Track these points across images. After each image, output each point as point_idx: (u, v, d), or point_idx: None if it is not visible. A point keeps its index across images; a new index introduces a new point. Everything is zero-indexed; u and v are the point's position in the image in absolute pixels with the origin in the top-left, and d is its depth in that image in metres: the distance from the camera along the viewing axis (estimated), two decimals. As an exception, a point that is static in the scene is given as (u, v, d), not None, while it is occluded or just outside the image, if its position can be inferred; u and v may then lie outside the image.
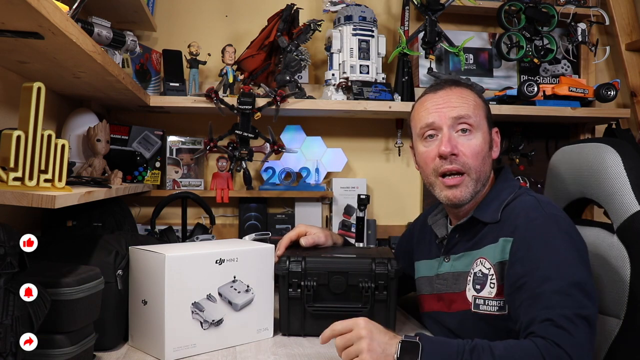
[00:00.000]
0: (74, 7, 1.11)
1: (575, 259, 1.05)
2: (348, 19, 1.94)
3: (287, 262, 1.21)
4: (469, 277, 1.18)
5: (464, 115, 1.19)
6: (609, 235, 1.25)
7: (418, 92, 2.04)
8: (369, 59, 1.94)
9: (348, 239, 1.96)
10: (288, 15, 1.88)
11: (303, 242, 1.34)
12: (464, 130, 1.19)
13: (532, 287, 1.02)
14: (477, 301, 1.14)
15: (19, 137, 0.89)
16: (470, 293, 1.16)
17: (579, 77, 2.22)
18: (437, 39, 1.97)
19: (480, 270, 1.15)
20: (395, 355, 0.95)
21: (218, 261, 1.13)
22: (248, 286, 1.18)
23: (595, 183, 1.28)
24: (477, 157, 1.18)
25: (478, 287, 1.15)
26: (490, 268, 1.13)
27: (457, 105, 1.20)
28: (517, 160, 2.19)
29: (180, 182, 1.97)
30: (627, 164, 1.23)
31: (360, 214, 1.92)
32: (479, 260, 1.17)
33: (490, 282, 1.13)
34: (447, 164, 1.18)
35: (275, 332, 1.24)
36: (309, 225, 1.40)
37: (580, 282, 1.01)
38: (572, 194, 1.37)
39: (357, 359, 0.96)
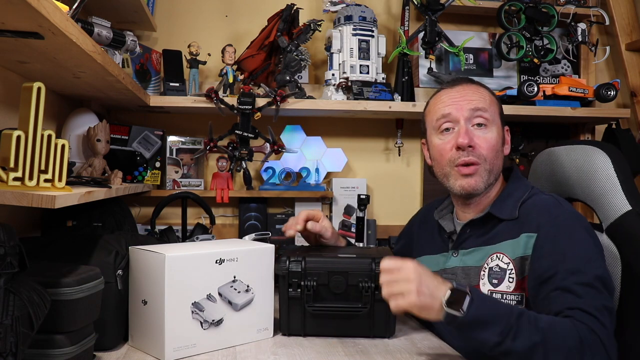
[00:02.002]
0: (74, 7, 1.11)
1: (597, 255, 1.10)
2: (348, 19, 1.94)
3: (287, 262, 1.21)
4: (482, 272, 1.19)
5: (480, 108, 1.22)
6: (597, 234, 1.28)
7: (418, 92, 2.05)
8: (369, 59, 1.94)
9: (348, 239, 1.97)
10: (288, 15, 1.88)
11: (310, 225, 1.34)
12: (479, 125, 1.22)
13: (560, 279, 1.05)
14: (494, 296, 1.16)
15: (19, 137, 0.89)
16: (485, 287, 1.18)
17: (579, 77, 2.22)
18: (437, 39, 1.97)
19: (497, 265, 1.17)
20: (444, 299, 0.96)
21: (218, 261, 1.13)
22: (248, 286, 1.18)
23: (585, 184, 1.33)
24: (492, 150, 1.22)
25: (495, 281, 1.17)
26: (509, 263, 1.15)
27: (473, 99, 1.23)
28: (517, 160, 2.19)
29: (180, 182, 1.97)
30: (617, 166, 1.29)
31: (360, 214, 1.92)
32: (494, 255, 1.18)
33: (509, 277, 1.15)
34: (464, 155, 1.20)
35: (275, 332, 1.24)
36: (325, 216, 1.39)
37: (603, 277, 1.06)
38: (556, 195, 1.40)
39: (404, 299, 0.98)
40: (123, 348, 1.14)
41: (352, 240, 1.95)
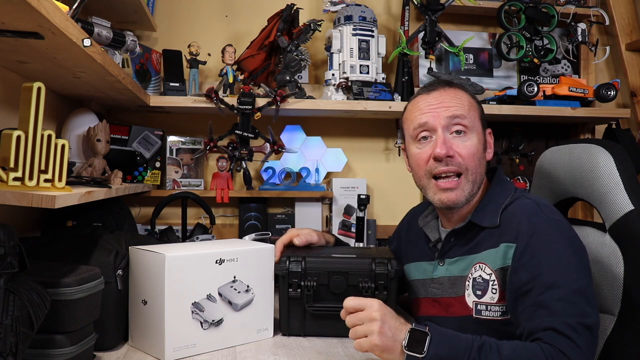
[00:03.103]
0: (74, 7, 1.11)
1: (577, 265, 1.05)
2: (348, 19, 1.94)
3: (287, 262, 1.21)
4: (467, 282, 1.16)
5: (458, 116, 1.17)
6: (601, 234, 1.27)
7: (418, 92, 2.05)
8: (369, 59, 1.94)
9: (348, 239, 1.97)
10: (288, 15, 1.88)
11: (296, 241, 1.34)
12: (458, 132, 1.17)
13: (535, 294, 1.02)
14: (479, 307, 1.13)
15: (19, 137, 0.89)
16: (470, 299, 1.15)
17: (579, 77, 2.22)
18: (437, 39, 1.97)
19: (480, 275, 1.14)
20: (404, 342, 0.95)
21: (218, 261, 1.13)
22: (248, 286, 1.18)
23: (587, 183, 1.30)
24: (473, 158, 1.17)
25: (479, 292, 1.14)
26: (491, 274, 1.12)
27: (451, 105, 1.17)
28: (517, 160, 2.19)
29: (180, 182, 1.97)
30: (620, 165, 1.26)
31: (360, 214, 1.92)
32: (477, 265, 1.15)
33: (492, 288, 1.12)
34: (442, 165, 1.16)
35: (275, 332, 1.24)
36: (299, 228, 1.40)
37: (582, 290, 1.02)
38: (560, 194, 1.39)
39: (366, 340, 0.97)
40: (123, 348, 1.14)
41: (352, 240, 1.95)
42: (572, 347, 0.95)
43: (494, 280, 1.12)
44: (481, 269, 1.14)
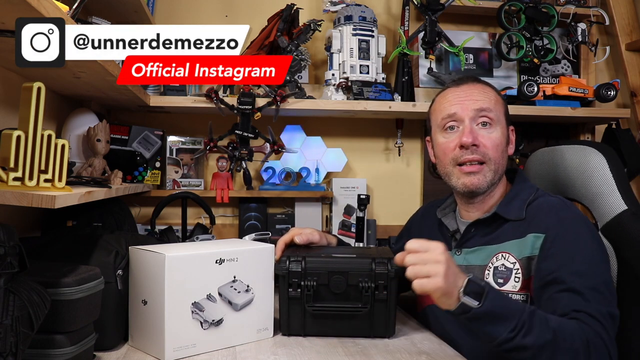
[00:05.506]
0: (74, 7, 1.11)
1: (603, 259, 1.13)
2: (348, 19, 1.94)
3: (287, 262, 1.21)
4: (487, 271, 1.20)
5: (485, 108, 1.24)
6: None
7: (418, 92, 2.05)
8: (369, 59, 1.94)
9: (348, 239, 1.97)
10: (288, 15, 1.88)
11: (297, 239, 1.35)
12: (484, 124, 1.24)
13: (567, 281, 1.07)
14: None
15: (19, 137, 0.89)
16: None
17: (579, 77, 2.22)
18: (437, 39, 1.97)
19: (502, 264, 1.18)
20: (461, 290, 0.97)
21: (218, 261, 1.13)
22: (248, 286, 1.18)
23: (580, 184, 1.34)
24: (497, 150, 1.23)
25: (501, 281, 1.18)
26: (515, 262, 1.17)
27: (479, 99, 1.25)
28: (517, 160, 2.19)
29: (180, 182, 1.97)
30: (612, 166, 1.30)
31: (360, 214, 1.92)
32: (500, 254, 1.19)
33: (515, 277, 1.16)
34: (468, 154, 1.22)
35: (275, 332, 1.24)
36: (301, 227, 1.41)
37: (608, 282, 1.09)
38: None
39: (429, 281, 0.97)
40: (123, 348, 1.14)
41: (352, 241, 1.95)
42: (605, 333, 1.01)
43: (518, 269, 1.16)
44: (504, 258, 1.19)
